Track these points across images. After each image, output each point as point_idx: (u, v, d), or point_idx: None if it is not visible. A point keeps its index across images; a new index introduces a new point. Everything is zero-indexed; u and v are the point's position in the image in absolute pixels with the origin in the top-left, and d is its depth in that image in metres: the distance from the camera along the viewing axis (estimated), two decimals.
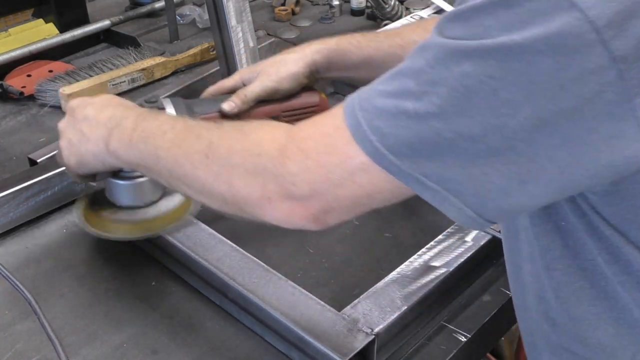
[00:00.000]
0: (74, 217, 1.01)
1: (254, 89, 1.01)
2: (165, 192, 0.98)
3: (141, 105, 0.94)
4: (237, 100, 1.01)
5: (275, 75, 1.01)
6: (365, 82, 0.69)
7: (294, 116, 1.03)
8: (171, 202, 0.99)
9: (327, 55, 1.02)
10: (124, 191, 0.95)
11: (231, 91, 1.03)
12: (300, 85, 1.03)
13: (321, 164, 0.64)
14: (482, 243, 0.96)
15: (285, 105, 1.04)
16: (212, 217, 1.10)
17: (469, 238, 0.96)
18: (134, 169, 0.88)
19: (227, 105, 1.00)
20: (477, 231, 0.97)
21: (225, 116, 0.99)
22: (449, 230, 0.98)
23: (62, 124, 0.89)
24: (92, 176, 0.92)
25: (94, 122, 0.84)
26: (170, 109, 0.95)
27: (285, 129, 0.71)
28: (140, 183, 0.94)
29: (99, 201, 0.99)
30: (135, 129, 0.80)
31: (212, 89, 1.06)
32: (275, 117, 1.02)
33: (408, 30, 1.05)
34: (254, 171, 0.68)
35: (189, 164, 0.73)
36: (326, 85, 1.34)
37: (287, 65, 1.02)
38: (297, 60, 1.02)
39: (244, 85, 1.03)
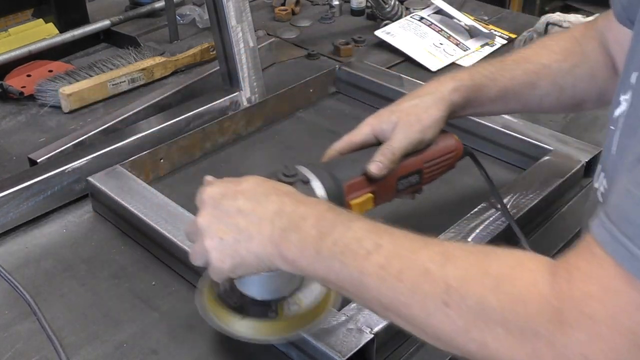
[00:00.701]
0: (196, 304, 0.83)
1: (400, 144, 0.87)
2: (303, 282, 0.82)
3: (279, 179, 0.79)
4: (385, 161, 0.86)
5: (418, 124, 0.89)
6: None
7: (435, 166, 0.92)
8: (310, 294, 0.81)
9: (465, 93, 0.92)
10: (258, 283, 0.78)
11: (361, 147, 0.91)
12: (439, 131, 0.92)
13: (622, 330, 0.52)
14: (482, 244, 0.96)
15: (425, 155, 0.91)
16: None
17: (469, 239, 0.96)
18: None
19: (375, 168, 0.85)
20: (477, 232, 0.97)
21: (371, 179, 0.86)
22: (449, 230, 0.98)
23: (204, 220, 0.72)
24: None
25: (254, 217, 0.70)
26: (315, 183, 0.80)
27: (544, 272, 0.57)
28: (276, 275, 0.76)
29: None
30: (323, 238, 0.66)
31: (339, 146, 0.91)
32: (417, 171, 0.90)
33: (532, 54, 0.97)
34: (520, 335, 0.55)
35: (418, 307, 0.60)
36: None
37: (429, 112, 0.89)
38: (437, 104, 0.90)
39: (376, 138, 0.90)
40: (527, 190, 1.05)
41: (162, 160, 1.21)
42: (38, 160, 1.17)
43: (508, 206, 1.01)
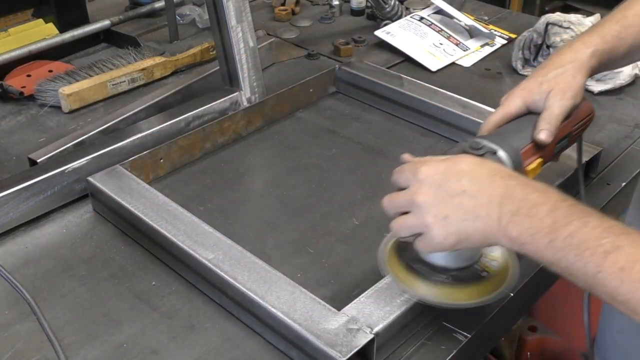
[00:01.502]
0: (379, 263, 0.88)
1: (560, 111, 0.92)
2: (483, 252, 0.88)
3: (465, 151, 0.84)
4: (551, 127, 0.90)
5: (570, 91, 0.93)
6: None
7: (579, 128, 0.98)
8: (490, 266, 0.87)
9: (600, 57, 0.96)
10: (447, 253, 0.83)
11: (515, 118, 0.95)
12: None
13: None
14: None
15: (574, 119, 0.96)
16: (211, 216, 1.10)
17: None
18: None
19: (544, 135, 0.89)
20: None
21: (538, 146, 0.90)
22: None
23: (425, 197, 0.76)
24: None
25: (482, 198, 0.74)
26: (501, 153, 0.85)
27: None
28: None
29: (406, 250, 0.87)
30: (558, 229, 0.69)
31: (495, 119, 0.95)
32: (568, 134, 0.95)
33: None
34: None
35: None
36: None
37: (576, 78, 0.93)
38: (580, 71, 0.94)
39: (528, 109, 0.94)
40: None
41: (162, 160, 1.21)
42: (38, 160, 1.17)
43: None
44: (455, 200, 0.74)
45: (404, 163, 0.82)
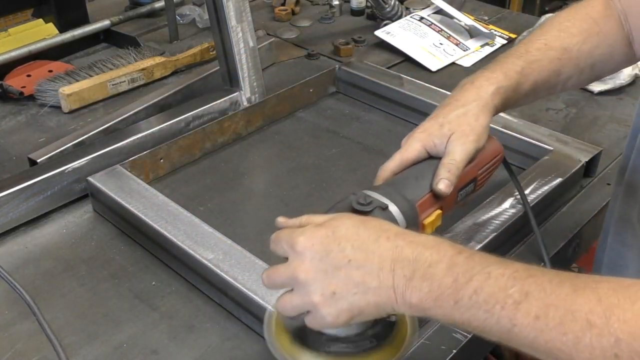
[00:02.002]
0: (265, 334, 0.77)
1: (461, 157, 0.85)
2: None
3: (355, 209, 0.77)
4: (452, 177, 0.84)
5: (472, 134, 0.87)
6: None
7: (486, 171, 0.92)
8: (383, 332, 0.76)
9: (504, 95, 0.91)
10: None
11: (413, 164, 0.88)
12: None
13: None
14: (482, 243, 0.96)
15: (478, 163, 0.90)
16: (211, 216, 1.10)
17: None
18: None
19: (443, 185, 0.83)
20: (477, 233, 0.97)
21: (437, 196, 0.84)
22: (449, 231, 0.98)
23: (307, 274, 0.67)
24: None
25: (370, 268, 0.66)
26: (393, 207, 0.78)
27: None
28: None
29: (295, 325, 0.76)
30: (460, 287, 0.63)
31: (391, 166, 0.88)
32: (472, 180, 0.90)
33: (553, 39, 0.95)
34: None
35: (584, 358, 0.58)
36: None
37: (479, 120, 0.88)
38: (483, 111, 0.88)
39: (429, 153, 0.88)
40: (527, 190, 1.05)
41: (162, 160, 1.21)
42: (38, 160, 1.17)
43: (508, 206, 1.02)
44: (341, 273, 0.66)
45: (279, 229, 0.74)
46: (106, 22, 1.69)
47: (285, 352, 0.75)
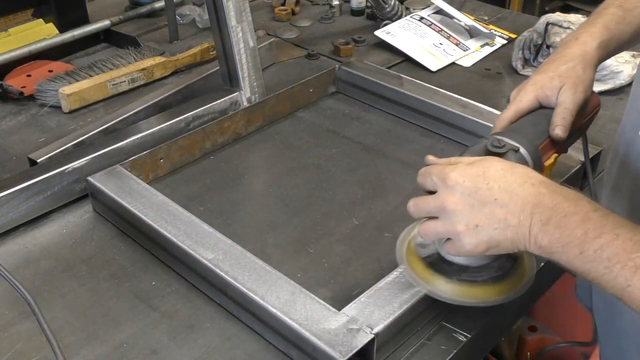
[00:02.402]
0: (397, 257, 0.90)
1: (573, 106, 0.92)
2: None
3: (487, 150, 0.84)
4: (566, 123, 0.91)
5: (581, 85, 0.93)
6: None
7: (589, 120, 0.99)
8: (507, 266, 0.88)
9: (607, 48, 0.97)
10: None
11: (527, 114, 0.95)
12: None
13: None
14: None
15: (586, 112, 0.97)
16: (211, 216, 1.10)
17: None
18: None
19: (560, 131, 0.90)
20: None
21: (554, 141, 0.91)
22: None
23: (455, 205, 0.76)
24: None
25: (512, 207, 0.74)
26: (523, 150, 0.86)
27: None
28: None
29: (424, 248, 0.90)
30: (589, 241, 0.69)
31: (508, 115, 0.94)
32: (580, 127, 0.96)
33: None
34: None
35: None
36: None
37: (586, 72, 0.94)
38: (590, 64, 0.95)
39: (540, 104, 0.95)
40: None
41: (162, 160, 1.21)
42: (38, 160, 1.17)
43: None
44: (486, 209, 0.75)
45: (428, 165, 0.82)
46: (106, 22, 1.69)
47: (420, 277, 0.87)
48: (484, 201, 0.75)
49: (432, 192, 0.80)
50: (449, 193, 0.77)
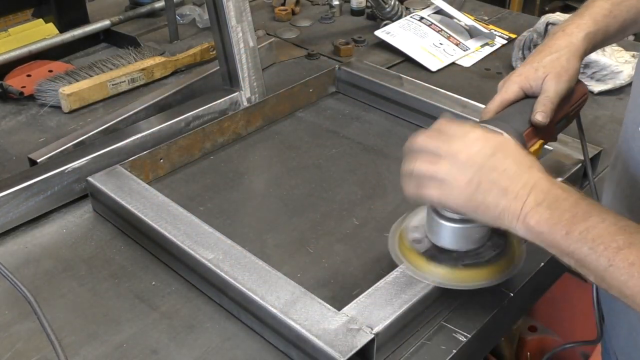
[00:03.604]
0: (389, 243, 0.94)
1: (555, 94, 0.94)
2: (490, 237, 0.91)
3: None
4: (547, 110, 0.93)
5: (565, 75, 0.95)
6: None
7: (576, 108, 1.01)
8: (501, 243, 0.91)
9: (593, 39, 0.98)
10: (449, 234, 0.88)
11: (512, 104, 0.97)
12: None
13: None
14: None
15: (571, 100, 0.99)
16: (211, 216, 1.10)
17: None
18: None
19: (541, 117, 0.92)
20: None
21: (537, 128, 0.93)
22: None
23: (467, 157, 0.78)
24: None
25: (517, 181, 0.76)
26: (507, 136, 0.86)
27: None
28: (468, 228, 0.87)
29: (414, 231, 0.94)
30: (576, 222, 0.72)
31: (494, 106, 0.96)
32: (565, 115, 0.98)
33: None
34: None
35: None
36: None
37: (571, 62, 0.96)
38: (574, 55, 0.97)
39: (526, 94, 0.97)
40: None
41: (162, 160, 1.21)
42: (38, 160, 1.17)
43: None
44: (494, 175, 0.77)
45: (445, 120, 0.83)
46: (106, 22, 1.69)
47: (426, 272, 0.89)
48: (495, 167, 0.77)
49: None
50: (467, 146, 0.79)
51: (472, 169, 0.78)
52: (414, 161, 0.81)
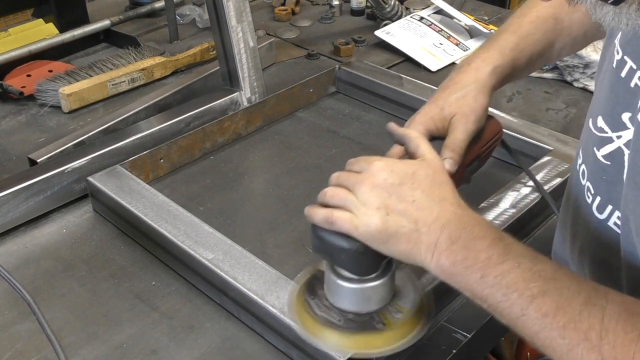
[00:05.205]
0: (286, 304, 0.84)
1: (463, 137, 0.88)
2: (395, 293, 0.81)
3: None
4: (455, 156, 0.87)
5: (473, 115, 0.90)
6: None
7: (489, 148, 0.95)
8: (408, 300, 0.81)
9: (501, 74, 0.94)
10: (350, 295, 0.77)
11: None
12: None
13: None
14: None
15: (482, 141, 0.93)
16: (211, 216, 1.10)
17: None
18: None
19: (448, 164, 0.85)
20: (509, 207, 1.00)
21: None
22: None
23: (372, 187, 0.73)
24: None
25: (427, 215, 0.72)
26: None
27: None
28: (370, 287, 0.77)
29: (316, 290, 0.82)
30: (491, 266, 0.68)
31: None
32: (477, 157, 0.92)
33: (544, 10, 0.97)
34: None
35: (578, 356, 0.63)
36: None
37: (478, 101, 0.91)
38: (482, 92, 0.92)
39: (431, 136, 0.90)
40: (527, 190, 1.05)
41: (162, 160, 1.21)
42: (38, 160, 1.17)
43: (508, 205, 1.02)
44: (402, 206, 0.72)
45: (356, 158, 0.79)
46: (106, 22, 1.69)
47: (295, 305, 0.80)
48: (403, 197, 0.73)
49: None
50: (373, 176, 0.74)
51: (380, 198, 0.73)
52: (324, 194, 0.76)
